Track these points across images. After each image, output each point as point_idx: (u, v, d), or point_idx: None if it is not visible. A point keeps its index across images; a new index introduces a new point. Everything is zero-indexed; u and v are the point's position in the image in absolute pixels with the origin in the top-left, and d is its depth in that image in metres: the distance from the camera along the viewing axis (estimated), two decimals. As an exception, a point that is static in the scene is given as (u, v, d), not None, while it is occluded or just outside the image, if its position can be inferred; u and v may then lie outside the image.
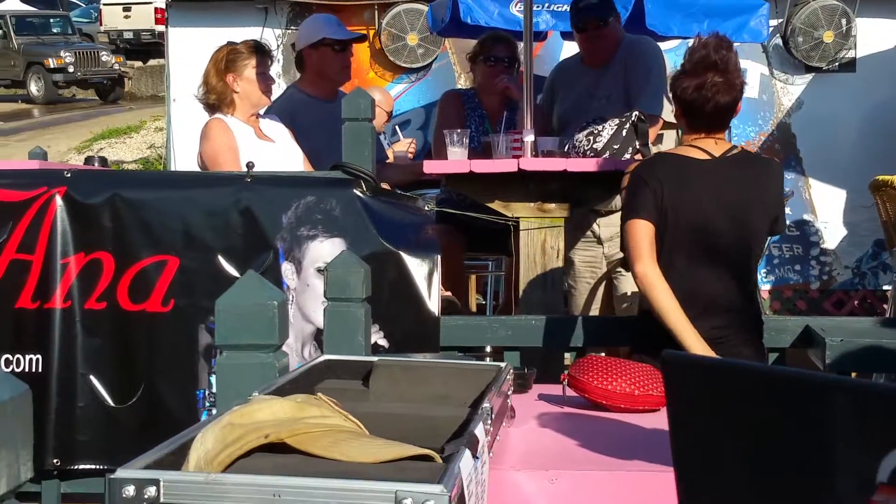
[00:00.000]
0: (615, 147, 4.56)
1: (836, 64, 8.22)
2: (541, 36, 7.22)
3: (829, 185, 8.32)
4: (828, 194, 8.34)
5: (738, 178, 3.37)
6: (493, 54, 5.46)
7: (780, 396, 0.83)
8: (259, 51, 4.65)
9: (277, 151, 4.60)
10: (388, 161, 5.58)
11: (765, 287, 8.04)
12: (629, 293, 5.15)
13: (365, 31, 7.84)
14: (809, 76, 8.29)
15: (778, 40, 8.18)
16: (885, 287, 8.24)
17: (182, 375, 3.75)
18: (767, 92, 8.31)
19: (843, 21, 8.09)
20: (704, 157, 3.38)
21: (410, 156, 5.67)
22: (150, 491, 1.55)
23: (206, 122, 4.59)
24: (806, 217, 8.37)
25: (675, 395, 0.93)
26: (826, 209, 8.35)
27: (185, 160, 8.02)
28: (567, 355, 4.29)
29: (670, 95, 5.19)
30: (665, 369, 0.94)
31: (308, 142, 4.78)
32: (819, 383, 0.78)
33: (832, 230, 8.37)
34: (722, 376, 0.89)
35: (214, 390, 3.71)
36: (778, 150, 8.35)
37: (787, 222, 8.08)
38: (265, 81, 4.61)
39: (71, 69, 21.36)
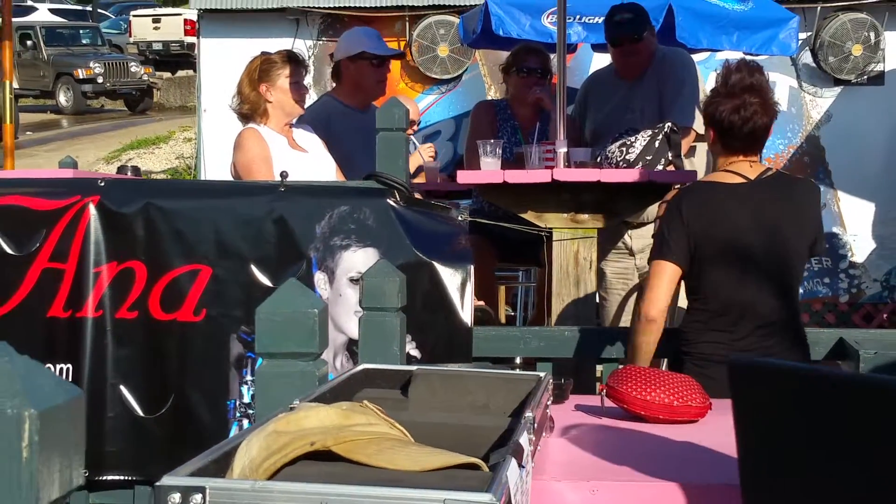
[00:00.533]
0: (648, 158, 4.56)
1: (865, 77, 8.20)
2: (572, 48, 7.23)
3: (858, 198, 8.29)
4: (857, 207, 8.31)
5: (774, 200, 3.38)
6: (527, 65, 5.47)
7: (853, 402, 0.83)
8: (293, 60, 4.67)
9: (311, 161, 4.61)
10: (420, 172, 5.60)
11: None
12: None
13: (395, 43, 7.88)
14: (838, 89, 8.27)
15: (807, 53, 8.16)
16: (916, 301, 8.20)
17: (213, 386, 3.74)
18: (796, 105, 8.29)
19: (872, 34, 8.06)
20: (740, 181, 3.38)
21: (431, 159, 5.68)
22: (196, 498, 1.55)
23: (240, 131, 4.61)
24: (835, 230, 8.33)
25: (742, 401, 0.93)
26: (855, 222, 8.32)
27: (215, 170, 8.06)
28: (599, 367, 4.27)
29: (702, 107, 5.20)
30: (731, 376, 0.93)
31: (341, 149, 4.80)
32: (886, 386, 0.77)
33: (861, 243, 8.33)
34: (789, 380, 0.88)
35: (246, 400, 3.73)
36: (807, 162, 8.32)
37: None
38: (298, 91, 4.63)
39: (100, 80, 21.50)
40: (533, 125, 5.26)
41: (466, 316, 3.75)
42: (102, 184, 3.89)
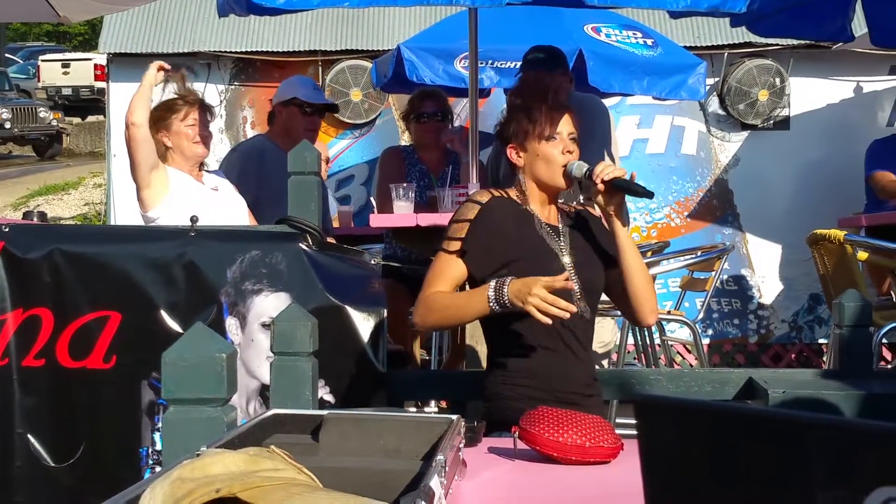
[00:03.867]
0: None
1: (771, 122, 8.38)
2: (484, 92, 7.30)
3: (766, 241, 8.45)
4: (764, 249, 8.46)
5: None
6: (425, 111, 5.54)
7: (760, 437, 0.83)
8: (193, 104, 4.66)
9: (221, 199, 4.59)
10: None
11: (705, 341, 8.11)
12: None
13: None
14: (745, 134, 8.44)
15: (715, 98, 8.33)
16: (822, 340, 8.35)
17: (124, 433, 3.68)
18: (705, 149, 8.44)
19: (777, 80, 8.25)
20: None
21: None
22: (99, 548, 1.51)
23: None
24: (743, 272, 8.48)
25: (650, 440, 0.93)
26: (763, 264, 8.47)
27: (125, 216, 7.96)
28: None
29: (614, 152, 5.27)
30: (638, 413, 0.93)
31: (271, 187, 4.80)
32: (798, 422, 0.78)
33: (769, 285, 8.48)
34: (698, 418, 0.89)
35: (158, 448, 3.66)
36: (716, 205, 8.47)
37: (726, 277, 8.24)
38: (198, 135, 4.61)
39: (7, 125, 21.14)
40: (442, 169, 5.30)
41: (380, 360, 3.74)
42: (7, 229, 3.82)
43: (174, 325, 3.68)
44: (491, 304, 3.07)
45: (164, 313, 3.70)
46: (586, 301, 3.27)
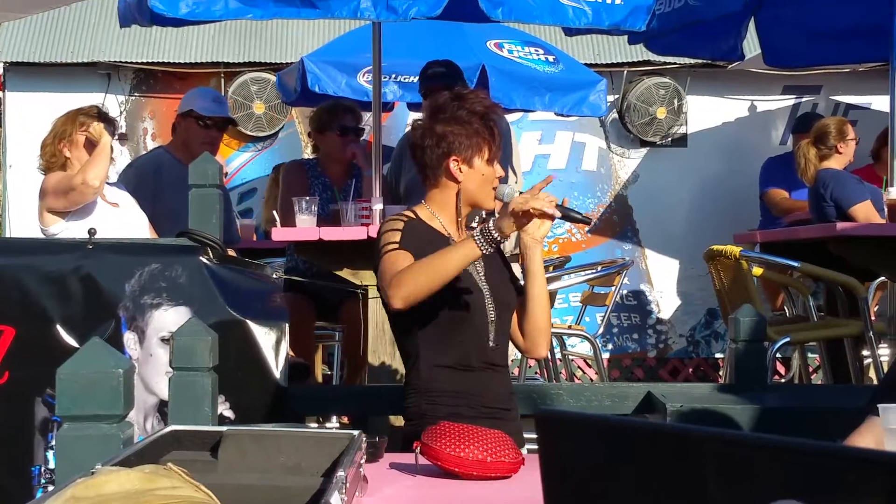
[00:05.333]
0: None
1: (669, 139, 8.52)
2: (388, 106, 7.31)
3: (664, 256, 8.58)
4: (662, 264, 8.59)
5: None
6: (345, 123, 5.52)
7: (657, 451, 0.84)
8: (96, 117, 4.61)
9: (122, 213, 4.53)
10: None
11: (605, 356, 8.20)
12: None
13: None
14: (644, 150, 8.57)
15: (614, 115, 8.44)
16: (718, 355, 8.50)
17: (16, 451, 3.59)
18: (605, 165, 8.55)
19: (675, 98, 8.40)
20: None
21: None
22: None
23: (45, 177, 4.55)
24: (642, 287, 8.59)
25: (550, 454, 0.93)
26: (661, 279, 8.60)
27: (21, 228, 7.79)
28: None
29: (514, 168, 5.31)
30: (539, 428, 0.94)
31: (168, 201, 4.74)
32: (695, 436, 0.79)
33: (667, 300, 8.61)
34: (598, 432, 0.90)
35: (51, 466, 3.58)
36: (616, 221, 8.58)
37: (626, 292, 8.35)
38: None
39: None
40: (345, 183, 5.30)
41: (281, 375, 3.71)
42: None
43: (70, 340, 3.61)
44: (480, 246, 3.01)
45: (59, 328, 3.62)
46: (503, 320, 3.28)
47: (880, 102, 8.05)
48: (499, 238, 3.01)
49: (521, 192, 3.17)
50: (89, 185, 4.36)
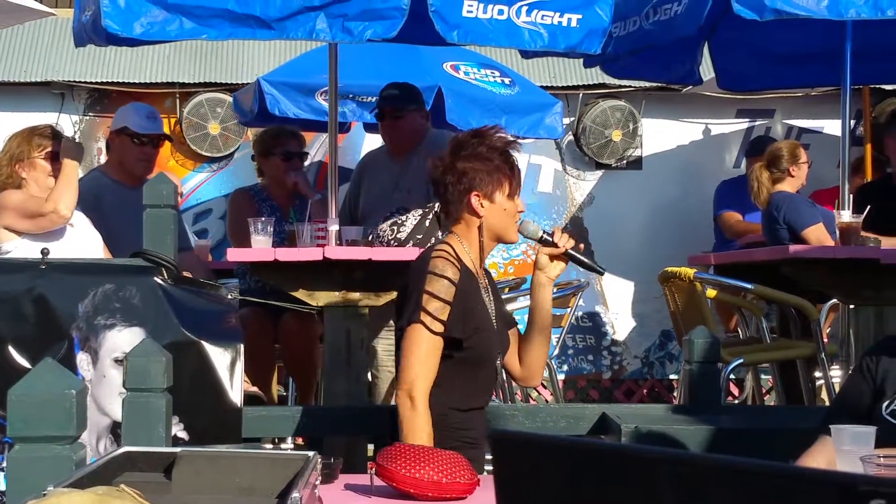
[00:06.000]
0: (418, 237, 4.63)
1: (625, 162, 8.57)
2: (345, 127, 7.31)
3: (619, 278, 8.61)
4: (617, 286, 8.63)
5: None
6: (288, 149, 5.55)
7: (612, 471, 0.85)
8: (52, 137, 4.57)
9: (76, 236, 4.49)
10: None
11: (560, 377, 8.21)
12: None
13: (166, 120, 7.77)
14: (600, 172, 8.61)
15: (570, 138, 8.48)
16: (673, 376, 8.54)
17: (-35, 473, 3.55)
18: (561, 187, 8.59)
19: (630, 121, 8.46)
20: None
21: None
22: None
23: (2, 194, 4.51)
24: (597, 308, 8.63)
25: (505, 474, 0.94)
26: (616, 301, 8.63)
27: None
28: (370, 446, 4.27)
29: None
30: (494, 447, 0.94)
31: (109, 225, 4.70)
32: (649, 457, 0.79)
33: (622, 321, 8.65)
34: (553, 453, 0.90)
35: (2, 488, 3.53)
36: (572, 243, 8.61)
37: (581, 313, 8.38)
38: (55, 167, 4.53)
39: None
40: (291, 206, 5.33)
41: (236, 395, 3.69)
42: None
43: (22, 361, 3.57)
44: None
45: (11, 348, 3.59)
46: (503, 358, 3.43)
47: (833, 126, 8.15)
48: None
49: (544, 229, 3.35)
50: (61, 215, 4.36)
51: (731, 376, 6.54)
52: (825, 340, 5.62)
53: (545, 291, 3.37)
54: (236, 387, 3.69)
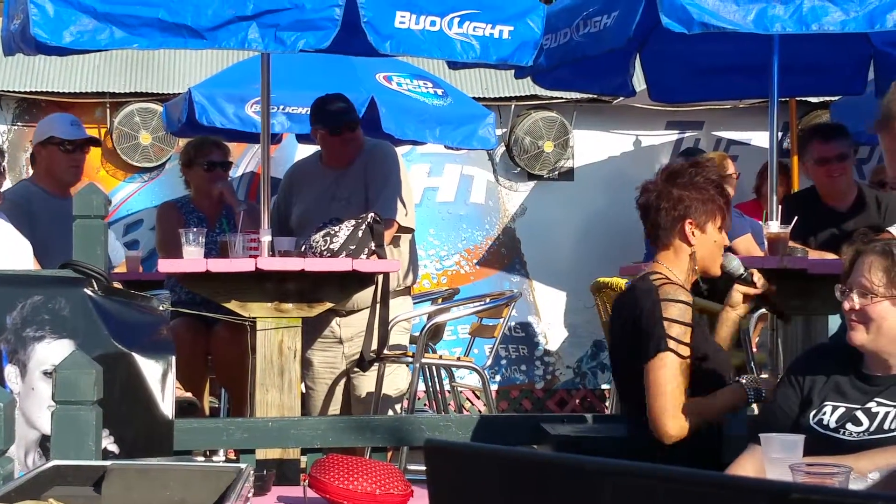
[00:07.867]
0: (351, 248, 4.63)
1: (556, 172, 8.62)
2: (276, 138, 7.28)
3: (551, 288, 8.67)
4: (550, 296, 8.68)
5: None
6: (211, 159, 5.54)
7: (546, 481, 0.86)
8: None
9: (2, 246, 4.42)
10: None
11: (493, 387, 8.24)
12: (364, 395, 5.19)
13: (96, 130, 7.69)
14: (532, 184, 8.66)
15: (503, 149, 8.52)
16: (605, 386, 8.61)
17: None
18: (493, 198, 8.62)
19: (562, 132, 8.52)
20: None
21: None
22: None
23: None
24: (530, 319, 8.67)
25: (439, 485, 0.94)
26: (548, 311, 8.68)
27: None
28: (303, 458, 4.25)
29: (405, 200, 5.33)
30: (428, 459, 0.95)
31: (39, 236, 4.64)
32: (585, 467, 0.80)
33: (554, 331, 8.70)
34: (487, 463, 0.91)
35: (-74, 503, 3.47)
36: (504, 253, 8.65)
37: (514, 324, 8.42)
38: None
39: None
40: (219, 215, 5.30)
41: (167, 408, 3.65)
42: None
43: (-53, 375, 3.51)
44: (749, 400, 3.26)
45: (-64, 362, 3.52)
46: None
47: (760, 138, 8.27)
48: (763, 391, 3.22)
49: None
50: None
51: (662, 385, 6.58)
52: (754, 350, 5.70)
53: (732, 329, 3.44)
54: (168, 399, 3.65)
